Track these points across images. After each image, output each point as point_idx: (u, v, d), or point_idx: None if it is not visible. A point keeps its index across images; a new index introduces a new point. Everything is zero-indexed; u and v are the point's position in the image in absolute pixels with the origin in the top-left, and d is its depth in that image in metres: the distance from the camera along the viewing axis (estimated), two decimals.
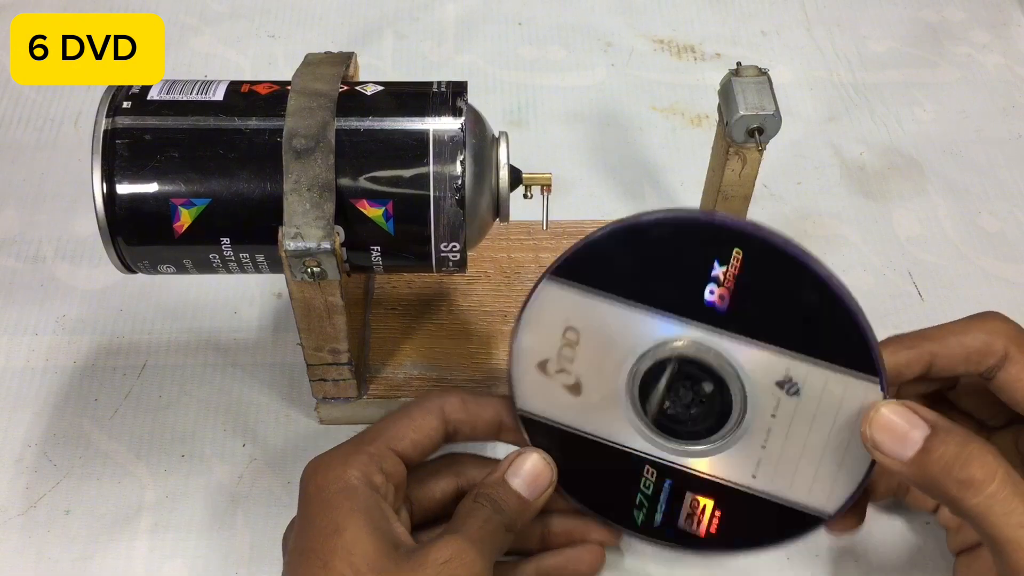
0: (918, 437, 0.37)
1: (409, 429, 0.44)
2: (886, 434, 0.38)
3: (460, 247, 0.45)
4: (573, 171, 0.68)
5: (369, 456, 0.42)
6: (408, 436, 0.43)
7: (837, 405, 0.40)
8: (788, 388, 0.41)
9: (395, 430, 0.43)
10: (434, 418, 0.44)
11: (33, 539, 0.50)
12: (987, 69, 0.76)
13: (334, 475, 0.41)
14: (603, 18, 0.79)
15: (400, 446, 0.43)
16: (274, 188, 0.43)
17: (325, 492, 0.40)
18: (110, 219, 0.44)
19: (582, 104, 0.73)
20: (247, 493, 0.52)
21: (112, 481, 0.52)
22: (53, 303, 0.60)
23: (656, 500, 0.44)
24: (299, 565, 0.40)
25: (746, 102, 0.51)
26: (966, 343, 0.41)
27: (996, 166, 0.69)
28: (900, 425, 0.38)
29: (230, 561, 0.50)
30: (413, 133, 0.44)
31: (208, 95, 0.45)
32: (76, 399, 0.56)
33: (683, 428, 0.43)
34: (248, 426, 0.55)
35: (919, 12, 0.81)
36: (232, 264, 0.46)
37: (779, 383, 0.41)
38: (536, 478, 0.43)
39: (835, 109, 0.73)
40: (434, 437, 0.44)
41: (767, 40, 0.78)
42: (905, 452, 0.38)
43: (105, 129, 0.44)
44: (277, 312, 0.60)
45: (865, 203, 0.67)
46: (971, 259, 0.64)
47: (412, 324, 0.56)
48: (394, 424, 0.44)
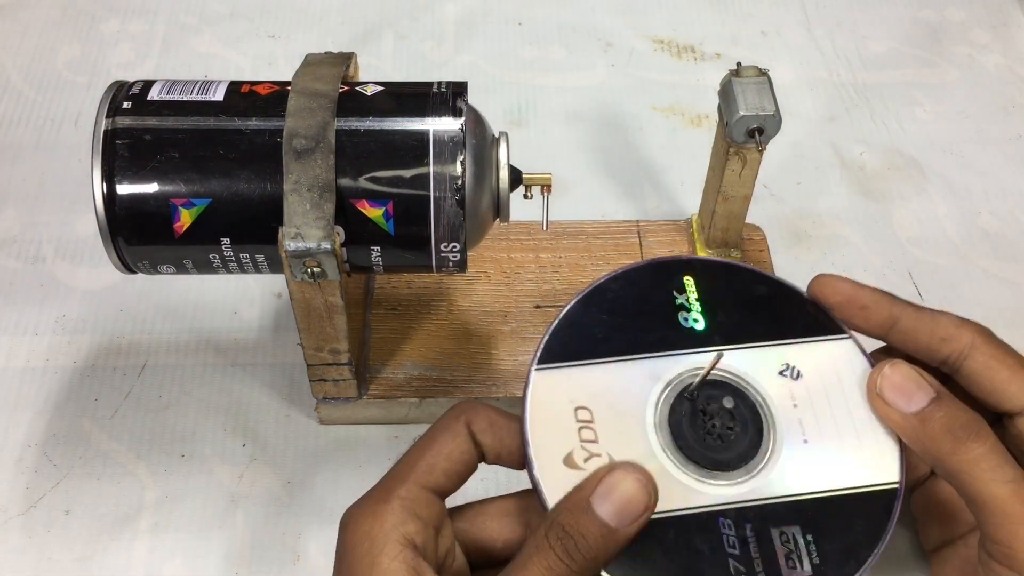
0: (923, 398, 0.39)
1: (439, 458, 0.39)
2: (895, 391, 0.39)
3: (460, 247, 0.45)
4: (573, 171, 0.68)
5: (401, 503, 0.38)
6: (439, 466, 0.39)
7: (835, 372, 0.42)
8: (791, 373, 0.41)
9: (424, 462, 0.39)
10: (463, 440, 0.39)
11: (33, 539, 0.50)
12: (987, 69, 0.76)
13: (363, 532, 0.38)
14: (603, 18, 0.79)
15: (432, 480, 0.39)
16: (274, 188, 0.43)
17: (357, 550, 0.38)
18: (110, 219, 0.44)
19: (582, 104, 0.73)
20: (247, 493, 0.52)
21: (112, 481, 0.52)
22: (53, 303, 0.60)
23: (748, 556, 0.38)
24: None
25: (746, 102, 0.51)
26: (933, 322, 0.42)
27: (996, 166, 0.69)
28: (908, 384, 0.39)
29: (230, 561, 0.50)
30: (413, 133, 0.44)
31: (208, 95, 0.45)
32: (76, 399, 0.56)
33: (730, 455, 0.40)
34: (248, 426, 0.55)
35: (919, 12, 0.81)
36: (232, 264, 0.46)
37: (781, 372, 0.41)
38: (629, 502, 0.36)
39: (835, 109, 0.73)
40: (468, 461, 0.40)
41: (767, 40, 0.78)
42: (909, 406, 0.39)
43: (105, 129, 0.44)
44: (277, 312, 0.60)
45: (865, 203, 0.67)
46: (971, 259, 0.64)
47: (412, 324, 0.56)
48: (422, 456, 0.39)
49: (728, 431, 0.40)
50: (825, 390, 0.41)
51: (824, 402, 0.41)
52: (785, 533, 0.39)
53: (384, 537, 0.37)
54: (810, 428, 0.41)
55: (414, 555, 0.37)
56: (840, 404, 0.41)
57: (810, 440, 0.41)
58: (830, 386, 0.41)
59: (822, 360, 0.42)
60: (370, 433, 0.55)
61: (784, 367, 0.42)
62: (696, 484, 0.39)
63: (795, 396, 0.41)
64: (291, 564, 0.50)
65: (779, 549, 0.38)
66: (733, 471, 0.40)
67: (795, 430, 0.41)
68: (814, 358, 0.42)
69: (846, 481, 0.40)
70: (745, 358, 0.41)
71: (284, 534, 0.51)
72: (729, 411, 0.41)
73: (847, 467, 0.40)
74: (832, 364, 0.42)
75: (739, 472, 0.40)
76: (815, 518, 0.39)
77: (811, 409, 0.41)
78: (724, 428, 0.40)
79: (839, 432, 0.41)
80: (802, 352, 0.42)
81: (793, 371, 0.42)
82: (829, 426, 0.41)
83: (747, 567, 0.38)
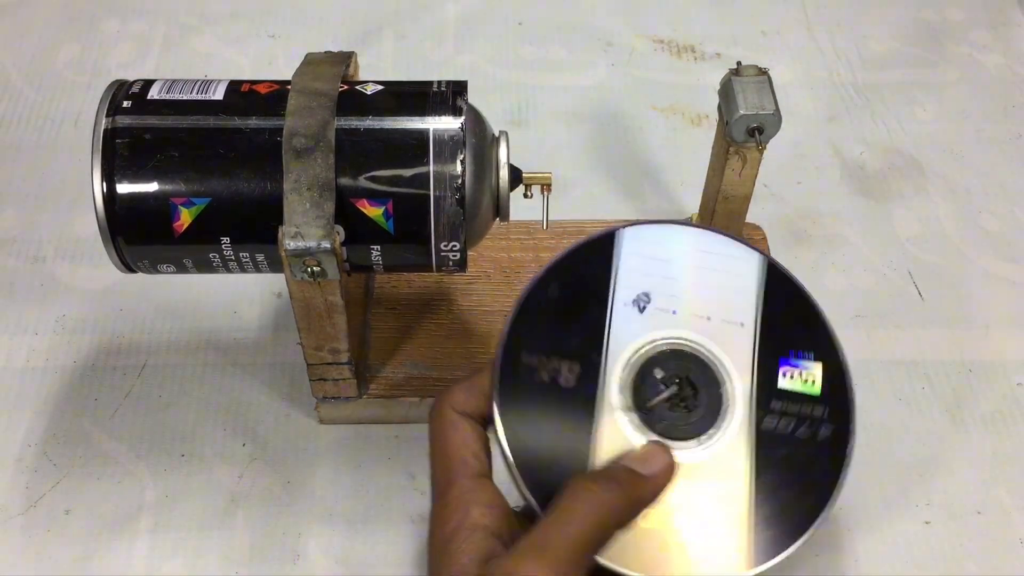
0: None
1: (462, 451, 0.39)
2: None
3: (460, 247, 0.45)
4: (573, 171, 0.68)
5: (460, 496, 0.38)
6: (467, 457, 0.38)
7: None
8: (641, 304, 0.41)
9: (456, 462, 0.38)
10: (460, 422, 0.39)
11: (33, 539, 0.50)
12: (987, 69, 0.76)
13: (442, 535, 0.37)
14: (603, 18, 0.79)
15: (470, 470, 0.38)
16: (274, 187, 0.43)
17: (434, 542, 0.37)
18: (110, 218, 0.44)
19: (582, 104, 0.73)
20: (247, 492, 0.52)
21: (112, 481, 0.52)
22: (53, 303, 0.60)
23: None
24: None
25: (746, 102, 0.51)
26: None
27: (996, 166, 0.69)
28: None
29: (230, 560, 0.50)
30: (413, 132, 0.44)
31: (208, 94, 0.45)
32: (76, 399, 0.56)
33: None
34: (248, 426, 0.55)
35: (919, 12, 0.81)
36: (232, 264, 0.46)
37: (635, 301, 0.42)
38: (650, 455, 0.39)
39: (835, 109, 0.73)
40: (479, 436, 0.39)
41: (767, 40, 0.78)
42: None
43: (105, 128, 0.44)
44: (277, 312, 0.60)
45: (865, 203, 0.67)
46: (971, 259, 0.64)
47: (412, 324, 0.56)
48: (448, 460, 0.39)
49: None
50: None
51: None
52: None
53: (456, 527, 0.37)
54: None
55: (485, 536, 0.36)
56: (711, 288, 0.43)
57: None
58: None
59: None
60: (370, 433, 0.55)
61: (637, 297, 0.41)
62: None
63: (650, 315, 0.41)
64: (291, 564, 0.50)
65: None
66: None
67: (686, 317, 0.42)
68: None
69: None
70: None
71: (284, 534, 0.51)
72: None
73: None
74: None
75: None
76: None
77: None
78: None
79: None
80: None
81: (643, 300, 0.41)
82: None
83: None
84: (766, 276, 0.43)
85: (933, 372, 0.58)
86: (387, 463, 0.54)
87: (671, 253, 0.43)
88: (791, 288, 0.43)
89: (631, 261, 0.42)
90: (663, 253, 0.43)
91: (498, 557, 0.35)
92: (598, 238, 0.42)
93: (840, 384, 0.41)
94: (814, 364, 0.41)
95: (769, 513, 0.39)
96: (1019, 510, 0.52)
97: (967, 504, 0.52)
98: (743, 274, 0.43)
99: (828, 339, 0.42)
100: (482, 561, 0.35)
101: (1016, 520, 0.52)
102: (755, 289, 0.42)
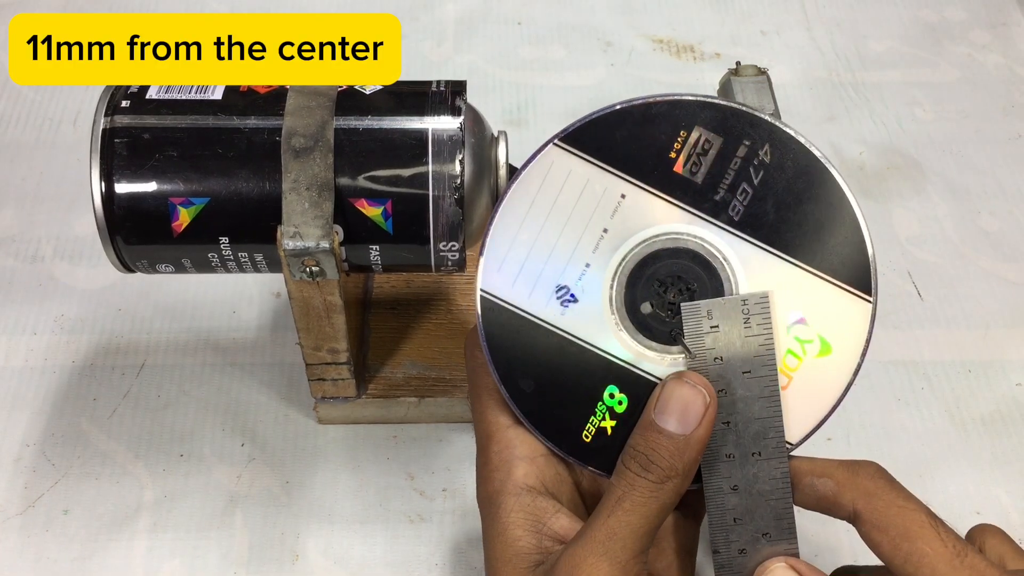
0: None
1: (518, 452, 0.38)
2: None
3: (459, 246, 0.45)
4: None
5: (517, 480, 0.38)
6: (524, 461, 0.38)
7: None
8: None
9: (507, 461, 0.38)
10: (513, 426, 0.39)
11: (31, 539, 0.50)
12: (987, 69, 0.76)
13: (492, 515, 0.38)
14: (603, 18, 0.79)
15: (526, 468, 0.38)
16: (273, 187, 0.43)
17: (485, 520, 0.38)
18: (108, 218, 0.44)
19: (582, 104, 0.73)
20: (246, 493, 0.52)
21: (111, 481, 0.52)
22: (52, 302, 0.60)
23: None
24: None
25: (745, 101, 0.51)
26: (817, 486, 0.37)
27: (996, 166, 0.69)
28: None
29: (229, 561, 0.50)
30: (412, 132, 0.44)
31: (207, 94, 0.45)
32: (75, 399, 0.56)
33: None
34: (247, 426, 0.55)
35: (919, 12, 0.81)
36: (231, 263, 0.46)
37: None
38: (687, 407, 0.36)
39: (835, 109, 0.73)
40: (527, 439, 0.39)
41: (767, 40, 0.78)
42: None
43: (104, 128, 0.44)
44: (276, 312, 0.60)
45: (865, 203, 0.67)
46: (971, 259, 0.64)
47: (411, 324, 0.56)
48: (499, 459, 0.38)
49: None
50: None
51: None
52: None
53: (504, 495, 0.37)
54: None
55: (532, 498, 0.37)
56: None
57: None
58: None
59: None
60: (369, 433, 0.55)
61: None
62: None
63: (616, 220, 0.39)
64: (290, 564, 0.50)
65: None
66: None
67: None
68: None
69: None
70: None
71: (283, 534, 0.51)
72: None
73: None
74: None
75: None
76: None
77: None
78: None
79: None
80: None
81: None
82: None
83: None
84: None
85: (932, 372, 0.58)
86: (386, 463, 0.54)
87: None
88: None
89: None
90: None
91: (561, 550, 0.36)
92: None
93: None
94: None
95: None
96: (1018, 510, 0.52)
97: (966, 504, 0.52)
98: None
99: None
100: (534, 528, 0.36)
101: (1015, 520, 0.52)
102: None
